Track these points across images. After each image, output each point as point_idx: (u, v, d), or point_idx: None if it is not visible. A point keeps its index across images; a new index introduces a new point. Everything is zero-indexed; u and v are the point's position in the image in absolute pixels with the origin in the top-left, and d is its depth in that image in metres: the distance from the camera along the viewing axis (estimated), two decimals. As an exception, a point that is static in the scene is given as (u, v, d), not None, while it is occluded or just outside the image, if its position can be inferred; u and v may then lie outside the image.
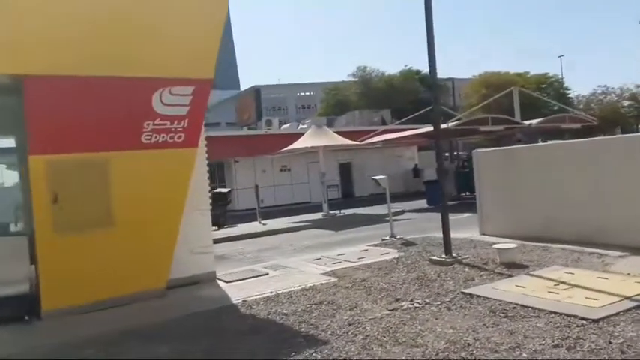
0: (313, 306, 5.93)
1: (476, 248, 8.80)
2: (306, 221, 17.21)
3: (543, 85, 39.97)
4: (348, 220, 17.04)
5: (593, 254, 7.58)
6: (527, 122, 19.60)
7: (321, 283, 7.14)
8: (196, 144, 7.48)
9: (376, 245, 10.25)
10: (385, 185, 11.33)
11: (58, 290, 6.34)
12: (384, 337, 4.62)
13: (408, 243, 10.10)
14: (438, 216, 16.41)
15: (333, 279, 7.38)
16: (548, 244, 8.48)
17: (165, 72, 7.04)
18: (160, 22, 7.02)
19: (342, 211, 18.95)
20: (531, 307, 5.10)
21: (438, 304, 5.55)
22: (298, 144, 18.74)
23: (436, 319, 5.04)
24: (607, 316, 4.61)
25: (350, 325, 5.07)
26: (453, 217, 14.79)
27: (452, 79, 37.28)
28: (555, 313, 4.87)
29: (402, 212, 18.49)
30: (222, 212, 17.92)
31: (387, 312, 5.41)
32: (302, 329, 5.09)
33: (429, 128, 22.24)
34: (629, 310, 4.77)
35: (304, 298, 6.38)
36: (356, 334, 4.76)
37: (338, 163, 27.83)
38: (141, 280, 6.93)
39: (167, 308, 6.48)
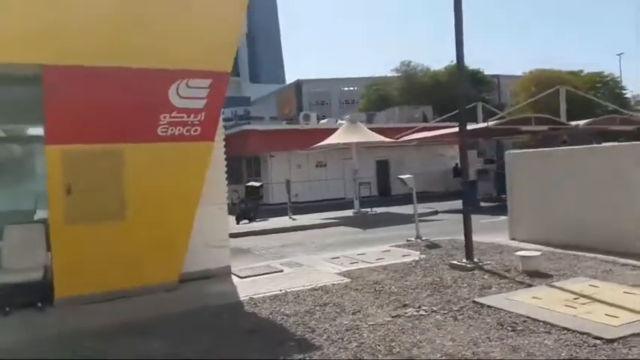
0: (317, 308, 5.78)
1: (502, 254, 8.39)
2: (336, 218, 17.04)
3: (598, 85, 37.85)
4: (379, 219, 16.74)
5: (627, 266, 7.06)
6: (573, 123, 18.61)
7: (332, 284, 6.98)
8: (213, 137, 7.44)
9: (399, 246, 9.97)
10: (411, 185, 11.00)
11: (71, 279, 6.47)
12: (379, 346, 4.41)
13: (432, 245, 9.76)
14: (473, 217, 15.99)
15: (345, 280, 7.20)
16: (580, 253, 7.98)
17: (182, 64, 7.03)
18: (179, 14, 7.01)
19: (374, 209, 18.65)
20: (543, 322, 4.75)
21: (445, 313, 5.27)
22: (331, 140, 18.56)
23: (438, 329, 4.78)
24: (624, 337, 4.22)
25: (348, 330, 4.88)
26: (488, 220, 14.38)
27: (497, 76, 35.89)
28: (568, 329, 4.50)
29: (436, 212, 18.03)
30: (255, 206, 18.04)
31: (390, 318, 5.18)
32: (298, 332, 4.95)
33: (469, 126, 21.58)
34: (652, 331, 4.35)
35: (311, 298, 6.23)
36: (351, 341, 4.57)
37: (375, 160, 27.46)
38: (153, 272, 6.98)
39: (175, 302, 6.48)
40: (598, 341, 4.18)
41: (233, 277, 7.84)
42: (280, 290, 6.76)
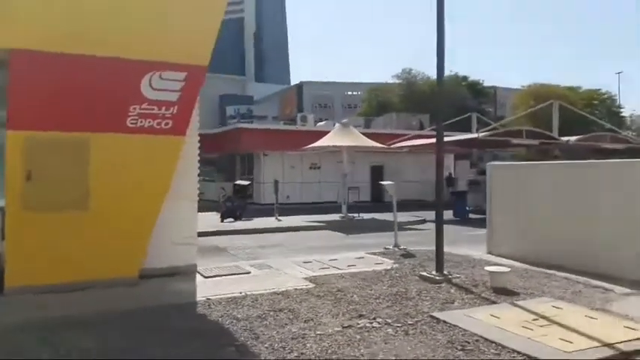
0: (271, 313, 5.61)
1: (474, 268, 8.22)
2: (322, 221, 16.87)
3: (595, 102, 37.82)
4: (364, 225, 16.59)
5: (599, 288, 6.89)
6: (565, 138, 18.47)
7: (295, 289, 6.81)
8: (184, 132, 7.26)
9: (374, 254, 9.80)
10: (392, 192, 10.84)
11: (24, 268, 6.27)
12: (318, 358, 4.24)
13: (408, 255, 9.60)
14: (458, 229, 15.89)
15: (310, 285, 7.04)
16: (554, 272, 7.81)
17: (157, 55, 6.82)
18: (155, 3, 6.85)
19: (361, 215, 18.47)
20: (495, 343, 4.58)
21: (398, 327, 5.10)
22: (321, 142, 18.40)
23: (386, 343, 4.61)
24: (572, 364, 4.05)
25: (293, 339, 4.71)
26: (472, 232, 14.19)
27: (494, 88, 35.72)
28: (518, 352, 4.34)
29: (423, 221, 17.86)
30: (241, 204, 17.86)
31: (340, 329, 5.02)
32: (242, 338, 4.78)
33: (461, 136, 21.47)
34: (602, 359, 4.18)
35: (268, 303, 6.06)
36: (291, 351, 4.40)
37: (370, 165, 27.34)
38: (111, 266, 6.75)
39: (129, 299, 6.25)
40: (544, 367, 4.01)
41: (198, 276, 7.65)
42: (240, 292, 6.60)
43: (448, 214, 19.72)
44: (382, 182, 11.19)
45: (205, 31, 7.17)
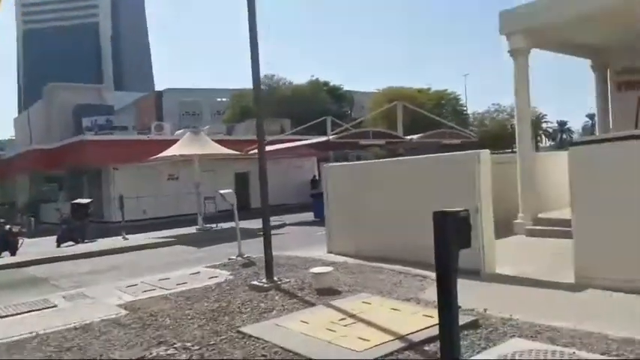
0: (54, 355, 4.80)
1: (307, 270, 8.05)
2: (175, 236, 15.89)
3: (443, 102, 41.41)
4: (220, 235, 15.90)
5: (417, 277, 7.13)
6: (409, 137, 19.68)
7: (102, 320, 6.00)
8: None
9: (214, 266, 9.28)
10: (232, 200, 10.44)
11: None
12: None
13: (249, 263, 9.23)
14: (314, 229, 15.93)
15: (122, 313, 6.28)
16: (384, 265, 7.97)
17: None
18: None
19: (221, 225, 17.79)
20: (293, 353, 4.33)
21: (196, 350, 4.64)
22: (170, 151, 17.39)
23: (170, 374, 4.12)
24: (360, 365, 3.92)
25: (60, 386, 4.01)
26: (322, 232, 14.29)
27: (350, 92, 37.61)
28: (312, 360, 4.12)
29: (283, 225, 17.80)
30: (81, 225, 16.18)
31: (126, 364, 4.41)
32: (-4, 394, 3.96)
33: (313, 139, 21.91)
34: (391, 353, 4.14)
35: (58, 342, 5.20)
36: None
37: (234, 172, 26.68)
38: None
39: None
40: (331, 373, 3.83)
41: (-10, 317, 6.47)
42: (31, 333, 5.61)
43: (310, 216, 20.03)
44: (221, 191, 10.68)
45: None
